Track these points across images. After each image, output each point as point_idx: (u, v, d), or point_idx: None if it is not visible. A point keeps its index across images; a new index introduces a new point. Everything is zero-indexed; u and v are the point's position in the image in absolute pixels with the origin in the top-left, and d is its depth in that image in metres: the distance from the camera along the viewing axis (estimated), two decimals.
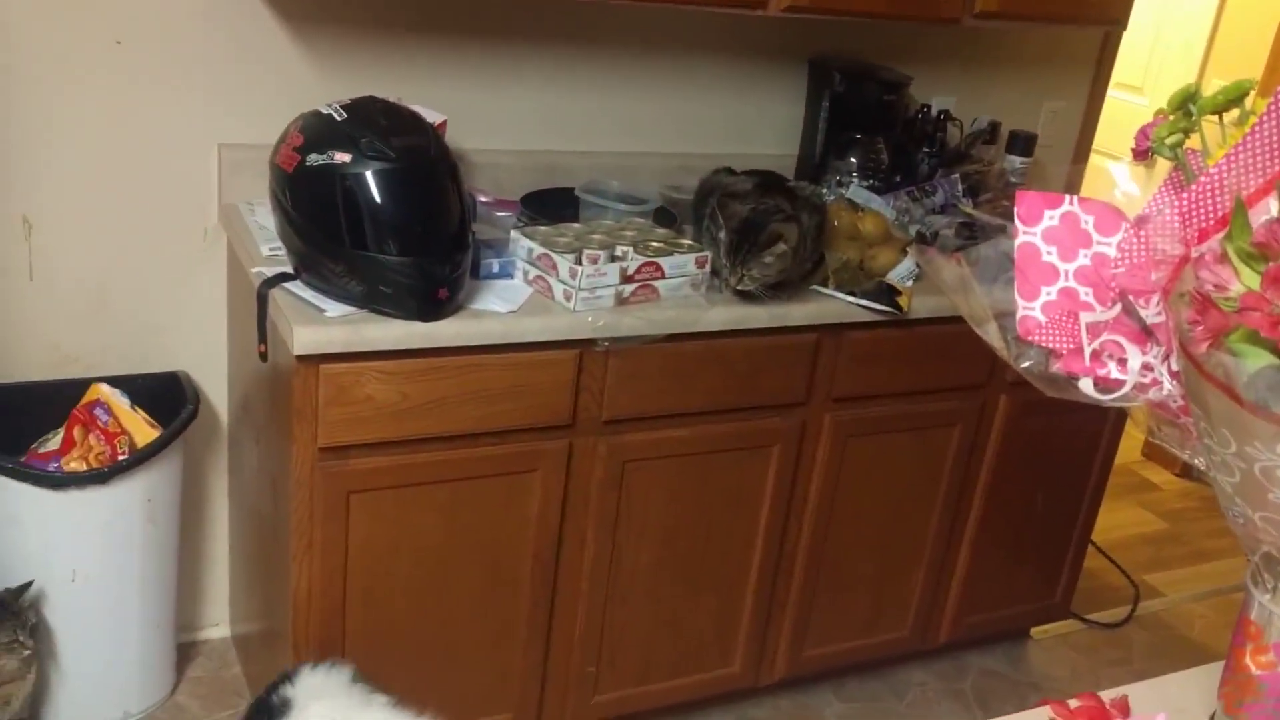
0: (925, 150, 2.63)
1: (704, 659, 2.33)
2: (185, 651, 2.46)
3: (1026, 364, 1.00)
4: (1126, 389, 0.93)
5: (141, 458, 2.09)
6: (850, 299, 2.14)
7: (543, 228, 2.07)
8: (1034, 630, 2.91)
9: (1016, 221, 1.02)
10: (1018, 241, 1.01)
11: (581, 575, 2.11)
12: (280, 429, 1.89)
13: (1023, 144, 2.72)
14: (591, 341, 1.95)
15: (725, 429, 2.14)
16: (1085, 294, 0.99)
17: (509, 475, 1.98)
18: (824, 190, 2.44)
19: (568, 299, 1.93)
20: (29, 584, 2.04)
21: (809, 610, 2.41)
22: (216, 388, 2.35)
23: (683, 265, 2.01)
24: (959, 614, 2.62)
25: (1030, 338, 1.00)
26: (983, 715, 2.60)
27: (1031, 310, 1.01)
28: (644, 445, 2.08)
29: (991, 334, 1.03)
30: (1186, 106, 0.97)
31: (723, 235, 2.02)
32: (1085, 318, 0.96)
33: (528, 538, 2.04)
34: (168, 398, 2.23)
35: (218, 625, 2.55)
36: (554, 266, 1.95)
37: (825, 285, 2.15)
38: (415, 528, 1.94)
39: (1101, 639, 2.97)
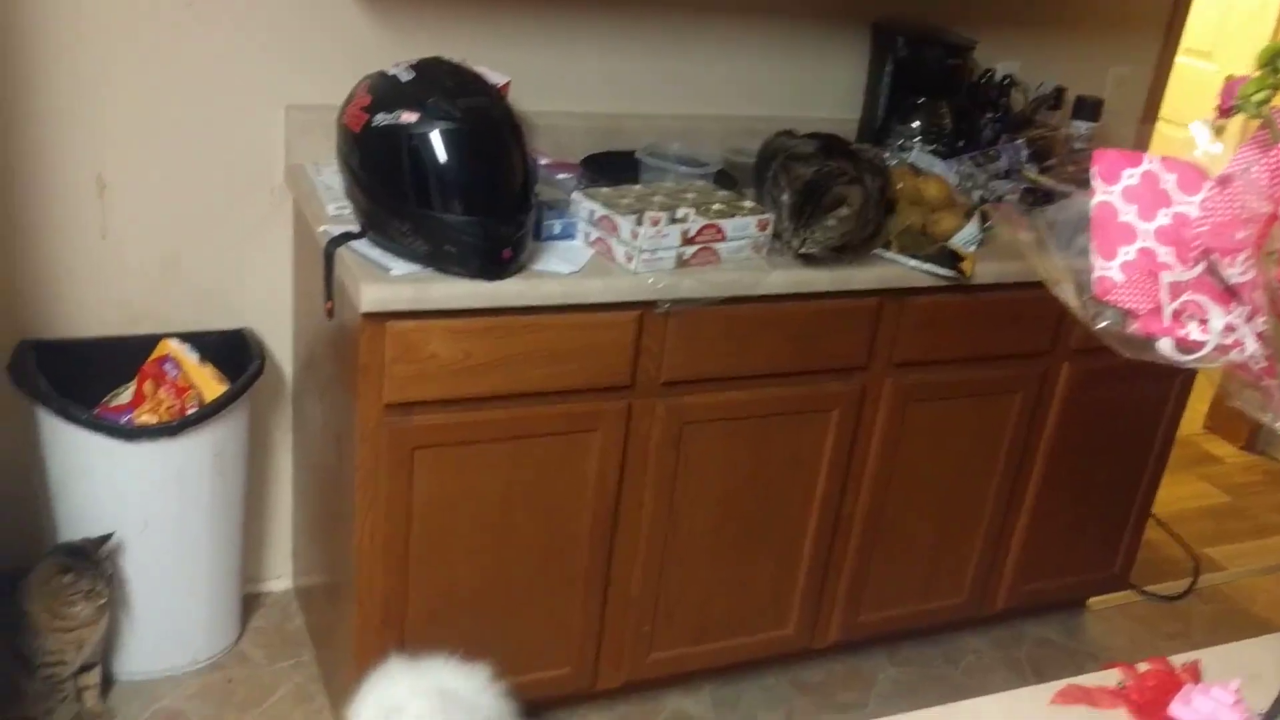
0: (989, 115, 2.59)
1: (759, 620, 2.34)
2: (249, 602, 2.51)
3: (1103, 324, 0.99)
4: (1207, 350, 0.92)
5: (209, 412, 2.14)
6: (913, 263, 2.13)
7: (604, 189, 2.07)
8: (1091, 600, 2.89)
9: (1094, 180, 1.00)
10: (1095, 201, 1.00)
11: (639, 535, 2.13)
12: (346, 385, 1.92)
13: (1089, 109, 2.67)
14: (652, 303, 1.95)
15: (784, 392, 2.14)
16: (1165, 254, 0.97)
17: (569, 435, 2.00)
18: (886, 154, 2.42)
19: (628, 260, 1.93)
20: (110, 535, 2.10)
21: (865, 575, 2.41)
22: (281, 345, 2.39)
23: (744, 228, 2.01)
24: (1016, 582, 2.61)
25: (1107, 298, 0.99)
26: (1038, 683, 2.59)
27: (1109, 270, 0.99)
28: (702, 408, 2.08)
29: (1067, 294, 1.02)
30: (1275, 64, 0.96)
31: (786, 198, 2.01)
32: (1165, 277, 0.95)
33: (586, 497, 2.06)
34: (234, 354, 2.27)
35: (280, 578, 2.61)
36: (615, 228, 1.95)
37: (887, 249, 2.14)
38: (477, 484, 1.96)
39: (1160, 612, 2.94)
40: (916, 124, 2.52)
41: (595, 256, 1.98)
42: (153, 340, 2.22)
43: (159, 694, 2.28)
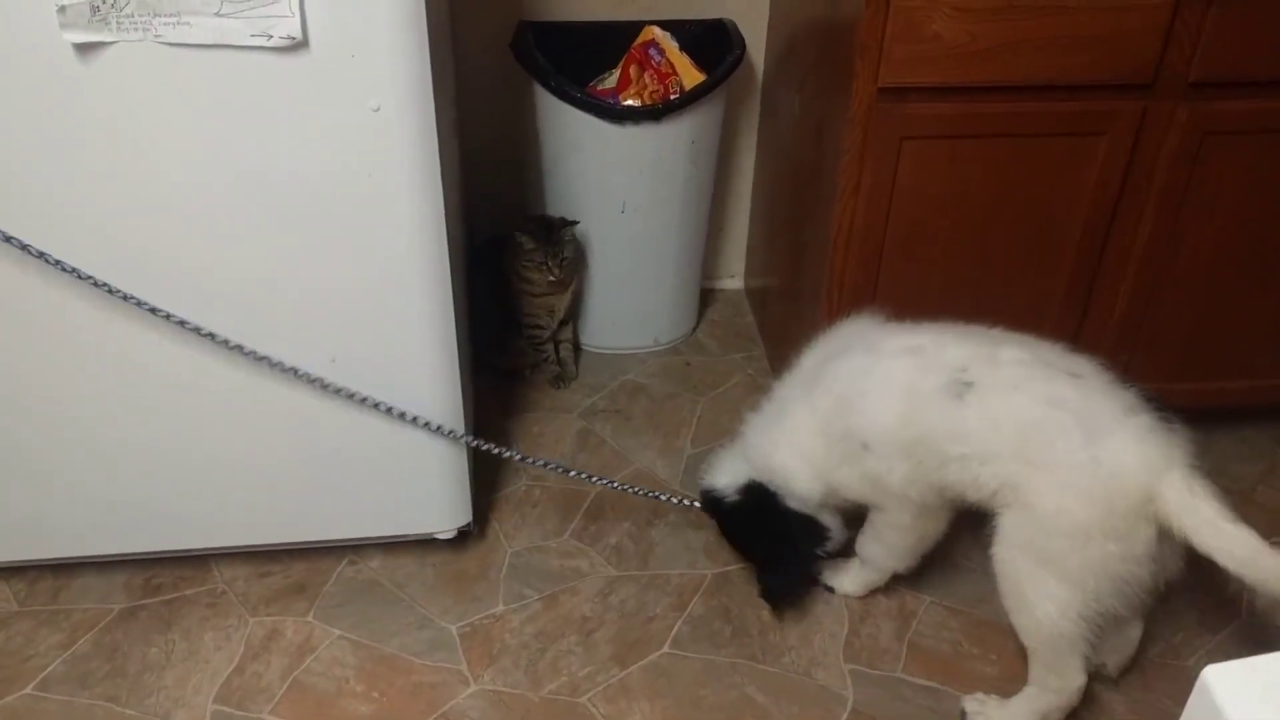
0: None
1: (1254, 364, 2.12)
2: (704, 296, 2.61)
3: None
4: None
5: (691, 98, 2.15)
6: None
7: None
8: None
9: None
10: None
11: (1131, 254, 1.95)
12: (836, 70, 1.85)
13: None
14: None
15: None
16: None
17: (1072, 136, 1.83)
18: None
19: None
20: (575, 222, 2.24)
21: None
22: (755, 38, 2.34)
23: None
24: None
25: None
26: None
27: None
28: (1233, 116, 1.82)
29: None
30: None
31: None
32: None
33: (1080, 207, 1.90)
34: (710, 44, 2.26)
35: (733, 277, 2.68)
36: None
37: None
38: (963, 182, 1.86)
39: None
40: None
41: None
42: (638, 26, 2.25)
43: (624, 367, 2.45)
